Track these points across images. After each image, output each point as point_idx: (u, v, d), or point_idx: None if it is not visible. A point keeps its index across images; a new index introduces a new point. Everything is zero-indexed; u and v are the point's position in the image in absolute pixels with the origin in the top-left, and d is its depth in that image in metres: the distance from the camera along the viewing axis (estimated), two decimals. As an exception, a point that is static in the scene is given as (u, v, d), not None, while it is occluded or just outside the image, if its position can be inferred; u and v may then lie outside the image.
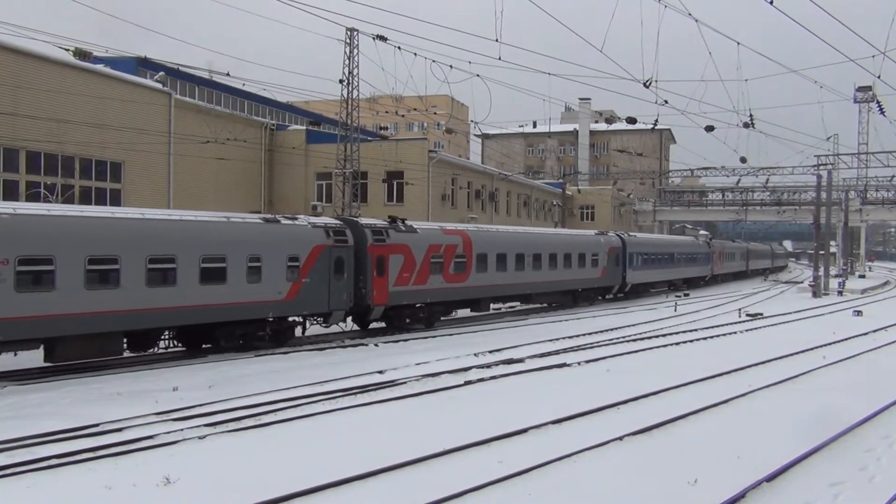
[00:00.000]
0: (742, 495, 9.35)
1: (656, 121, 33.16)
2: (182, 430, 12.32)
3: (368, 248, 24.93)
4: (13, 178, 28.52)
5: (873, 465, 10.92)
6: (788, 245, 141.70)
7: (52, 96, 29.10)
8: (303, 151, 43.84)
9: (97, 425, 12.42)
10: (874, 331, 29.06)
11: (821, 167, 62.03)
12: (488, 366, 19.29)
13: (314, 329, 25.19)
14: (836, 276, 60.48)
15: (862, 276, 76.83)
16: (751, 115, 34.99)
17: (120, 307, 17.83)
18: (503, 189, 56.27)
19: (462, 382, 17.03)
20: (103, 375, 17.31)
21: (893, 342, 25.98)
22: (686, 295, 50.35)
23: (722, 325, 30.75)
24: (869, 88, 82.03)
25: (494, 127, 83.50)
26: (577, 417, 13.48)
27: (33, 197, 28.10)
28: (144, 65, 37.81)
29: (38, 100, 28.71)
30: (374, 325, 26.51)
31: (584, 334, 26.53)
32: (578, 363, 20.11)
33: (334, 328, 25.00)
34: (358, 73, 36.79)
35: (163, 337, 19.99)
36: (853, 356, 22.12)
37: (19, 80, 28.09)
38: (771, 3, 19.12)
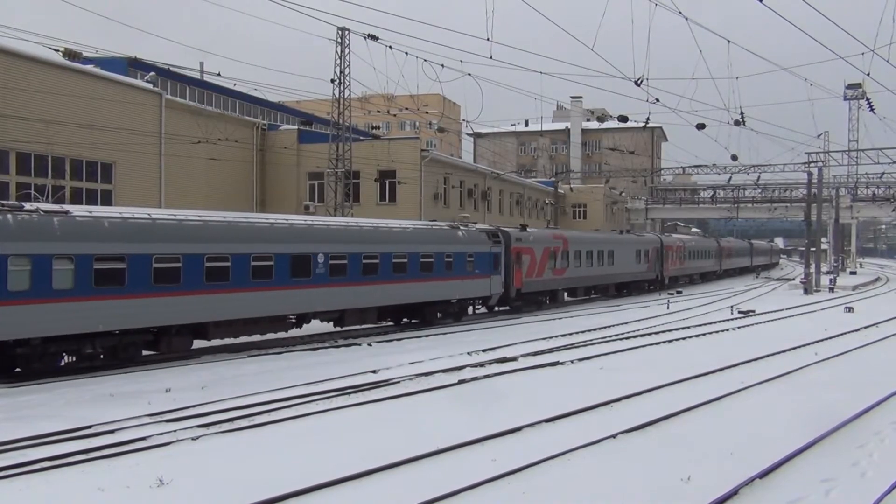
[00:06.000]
0: (735, 492, 9.38)
1: (648, 119, 33.24)
2: (175, 431, 12.29)
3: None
4: (3, 180, 28.40)
5: (865, 461, 10.97)
6: (780, 242, 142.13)
7: (42, 97, 28.99)
8: (294, 151, 43.76)
9: (90, 427, 12.37)
10: (865, 327, 29.23)
11: (811, 164, 62.31)
12: (482, 364, 19.31)
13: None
14: (828, 272, 60.75)
15: (853, 273, 77.27)
16: (742, 113, 35.25)
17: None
18: (496, 188, 56.30)
19: (456, 381, 17.04)
20: (96, 377, 17.25)
21: (884, 338, 26.13)
22: (679, 293, 50.45)
23: (714, 322, 30.85)
24: (859, 86, 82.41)
25: (486, 126, 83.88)
26: (570, 415, 13.50)
27: (24, 198, 27.97)
28: (135, 65, 37.71)
29: (28, 100, 28.59)
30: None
31: (577, 332, 26.58)
32: (571, 361, 20.15)
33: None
34: (349, 73, 36.81)
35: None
36: (845, 352, 22.24)
37: (8, 80, 27.96)
38: (761, 1, 19.17)
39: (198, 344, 21.29)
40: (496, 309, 34.14)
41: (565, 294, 41.01)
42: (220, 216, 21.34)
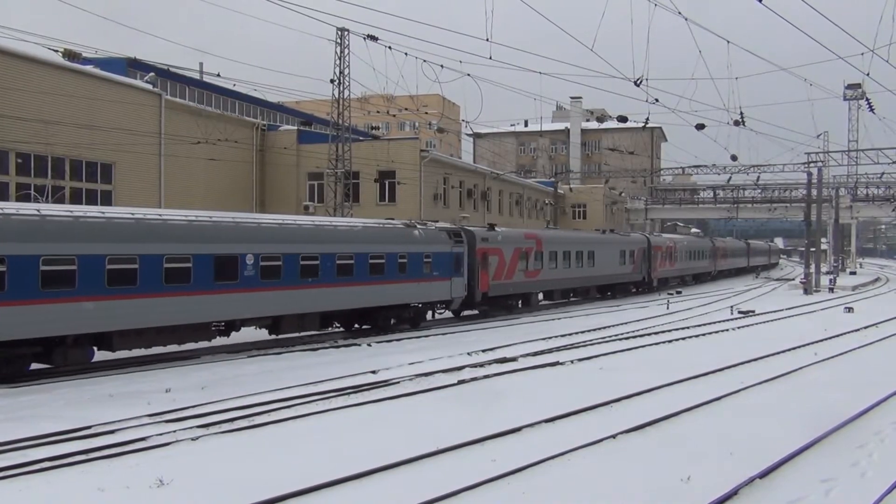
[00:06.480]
0: (735, 492, 9.38)
1: (647, 119, 33.22)
2: (175, 431, 12.29)
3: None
4: (3, 180, 28.41)
5: (865, 461, 10.97)
6: (780, 242, 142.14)
7: (42, 97, 28.99)
8: (294, 151, 43.76)
9: (90, 427, 12.38)
10: (865, 327, 29.23)
11: (811, 164, 62.34)
12: (481, 365, 19.30)
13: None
14: (827, 273, 60.76)
15: (853, 273, 77.29)
16: (741, 113, 35.23)
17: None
18: (495, 188, 56.31)
19: (455, 382, 17.04)
20: (95, 377, 17.25)
21: (884, 338, 26.13)
22: (678, 293, 50.44)
23: (714, 323, 30.85)
24: (858, 86, 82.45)
25: (486, 126, 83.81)
26: (570, 416, 13.50)
27: (24, 199, 27.99)
28: (135, 65, 37.70)
29: (28, 101, 28.59)
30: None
31: (576, 333, 26.58)
32: (571, 361, 20.14)
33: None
34: (349, 73, 36.82)
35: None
36: (844, 353, 22.24)
37: (8, 81, 27.97)
38: (760, 1, 19.17)
39: (193, 346, 21.28)
40: (462, 314, 32.20)
41: (541, 297, 38.59)
42: (127, 212, 19.11)
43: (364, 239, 25.44)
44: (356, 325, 26.38)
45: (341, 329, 26.12)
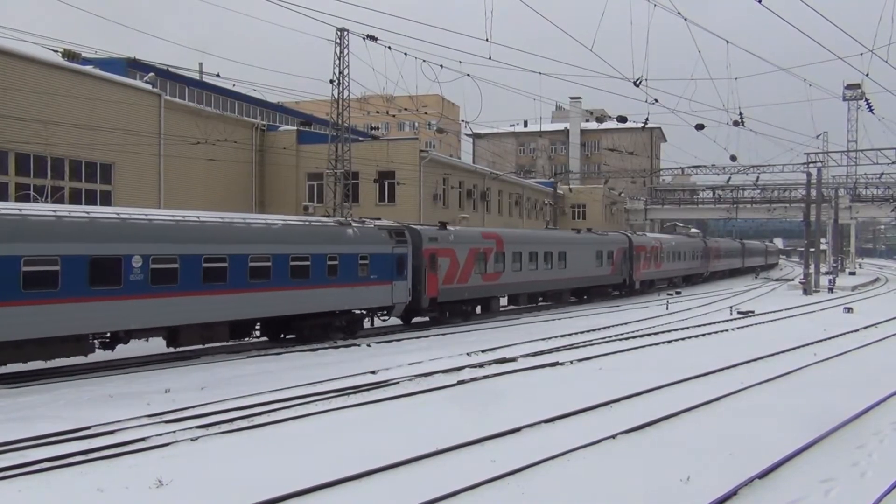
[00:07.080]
0: (734, 492, 9.38)
1: (647, 119, 33.24)
2: (174, 431, 12.29)
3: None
4: (2, 181, 28.39)
5: (865, 461, 10.97)
6: (779, 242, 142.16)
7: (41, 98, 28.96)
8: (294, 152, 43.76)
9: (89, 428, 12.38)
10: (864, 327, 29.24)
11: (810, 165, 62.37)
12: (481, 365, 19.30)
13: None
14: (827, 273, 60.79)
15: (852, 273, 77.30)
16: (740, 114, 35.32)
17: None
18: (495, 188, 56.30)
19: (455, 382, 17.04)
20: (95, 378, 17.26)
21: (884, 339, 26.14)
22: (678, 293, 50.44)
23: (714, 323, 30.85)
24: (858, 86, 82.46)
25: (485, 126, 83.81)
26: (570, 416, 13.50)
27: (23, 199, 27.98)
28: (134, 66, 37.68)
29: (27, 101, 28.58)
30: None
31: (576, 333, 26.59)
32: (571, 362, 20.14)
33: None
34: (348, 73, 36.72)
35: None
36: (844, 353, 22.25)
37: (7, 81, 27.96)
38: (759, 1, 19.18)
39: (191, 346, 21.25)
40: (413, 321, 29.51)
41: (504, 302, 35.45)
42: None
43: (284, 238, 22.54)
44: (282, 335, 23.82)
45: (264, 339, 23.69)
